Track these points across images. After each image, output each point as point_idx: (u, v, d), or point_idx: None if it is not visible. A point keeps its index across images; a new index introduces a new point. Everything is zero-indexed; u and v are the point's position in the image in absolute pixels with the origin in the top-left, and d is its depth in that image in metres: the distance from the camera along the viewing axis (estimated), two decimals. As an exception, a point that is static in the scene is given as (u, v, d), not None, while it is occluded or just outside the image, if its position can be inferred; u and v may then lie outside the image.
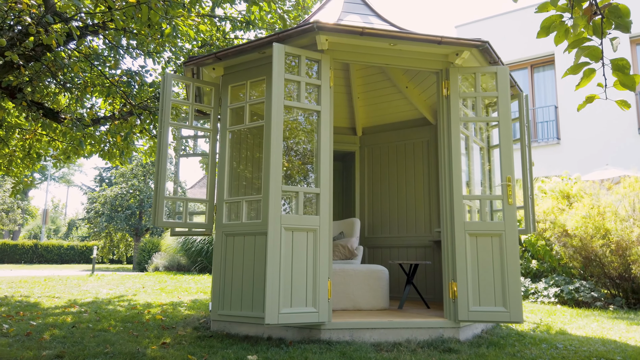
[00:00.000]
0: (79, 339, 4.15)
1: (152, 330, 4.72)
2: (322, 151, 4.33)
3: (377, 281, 5.22)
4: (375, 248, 7.10)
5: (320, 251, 4.17)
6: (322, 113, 4.38)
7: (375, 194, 7.27)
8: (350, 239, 6.25)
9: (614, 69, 1.59)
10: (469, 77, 5.03)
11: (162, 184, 4.78)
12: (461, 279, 4.35)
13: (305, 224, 4.16)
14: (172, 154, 7.75)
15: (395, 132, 7.24)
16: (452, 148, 4.58)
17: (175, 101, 4.95)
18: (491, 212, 5.58)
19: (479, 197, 4.76)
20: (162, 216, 4.75)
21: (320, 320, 4.08)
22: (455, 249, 4.42)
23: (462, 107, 5.03)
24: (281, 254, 4.00)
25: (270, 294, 3.88)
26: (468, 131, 5.14)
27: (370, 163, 7.41)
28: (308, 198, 4.45)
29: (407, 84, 6.68)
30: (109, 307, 6.63)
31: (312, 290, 4.10)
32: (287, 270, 4.01)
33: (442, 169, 4.66)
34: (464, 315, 4.30)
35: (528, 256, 8.33)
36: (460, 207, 4.48)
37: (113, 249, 26.00)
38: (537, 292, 7.59)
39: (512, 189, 4.44)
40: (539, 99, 15.26)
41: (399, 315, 4.69)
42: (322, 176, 4.29)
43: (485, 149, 5.81)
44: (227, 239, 4.78)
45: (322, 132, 4.36)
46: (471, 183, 5.39)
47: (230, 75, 5.06)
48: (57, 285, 10.21)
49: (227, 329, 4.61)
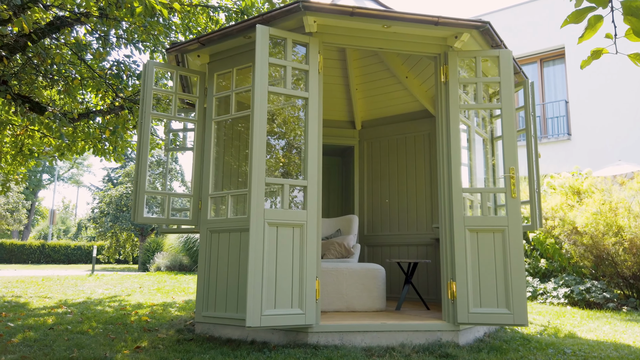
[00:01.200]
0: (50, 342, 3.89)
1: (132, 332, 4.45)
2: (310, 141, 4.03)
3: (372, 281, 4.91)
4: (375, 246, 6.79)
5: (308, 248, 3.88)
6: (310, 100, 4.08)
7: (375, 190, 6.96)
8: (347, 237, 5.95)
9: (626, 12, 1.27)
10: (470, 62, 4.71)
11: (143, 177, 4.51)
12: (460, 279, 4.03)
13: (291, 218, 3.86)
14: (162, 149, 7.44)
15: (396, 125, 6.92)
16: (451, 137, 4.26)
17: (158, 90, 4.68)
18: (495, 207, 5.24)
19: (480, 189, 4.43)
20: (143, 211, 4.48)
21: (307, 322, 3.78)
22: (454, 245, 4.10)
23: (463, 95, 4.71)
24: (264, 251, 3.71)
25: (252, 294, 3.59)
26: (470, 121, 4.81)
27: (369, 158, 7.10)
28: (295, 194, 4.16)
29: (407, 73, 6.36)
30: (98, 308, 6.39)
31: (298, 291, 3.81)
32: (270, 269, 3.72)
33: (440, 160, 4.34)
34: (463, 318, 3.98)
35: (536, 255, 7.96)
36: (459, 201, 4.15)
37: (119, 249, 25.89)
38: (546, 292, 7.23)
39: (516, 181, 4.11)
40: (549, 93, 14.83)
41: (395, 317, 4.37)
42: (310, 168, 4.00)
43: (489, 141, 5.48)
44: (212, 236, 4.50)
45: (310, 120, 4.06)
46: (473, 176, 5.06)
47: (216, 62, 4.78)
48: (54, 286, 10.01)
49: (211, 332, 4.33)
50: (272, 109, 4.94)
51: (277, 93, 4.02)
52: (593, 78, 13.66)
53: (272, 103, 4.66)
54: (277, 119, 5.15)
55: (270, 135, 5.28)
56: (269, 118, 4.94)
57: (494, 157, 5.48)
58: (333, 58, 6.47)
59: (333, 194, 7.64)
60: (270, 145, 5.33)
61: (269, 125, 5.14)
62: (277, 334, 4.00)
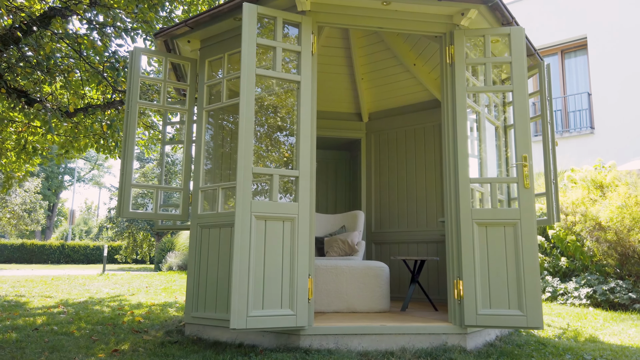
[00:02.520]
0: (28, 344, 3.66)
1: (119, 334, 4.21)
2: (302, 128, 3.73)
3: (375, 279, 4.58)
4: (383, 244, 6.44)
5: (299, 244, 3.57)
6: (302, 84, 3.77)
7: (383, 185, 6.61)
8: (351, 234, 5.62)
9: None
10: (478, 41, 4.35)
11: (129, 169, 4.26)
12: (468, 277, 3.68)
13: (281, 212, 3.56)
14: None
15: (404, 116, 6.57)
16: (457, 123, 3.91)
17: (145, 78, 4.43)
18: (508, 201, 4.86)
19: (489, 179, 4.06)
20: (129, 206, 4.23)
21: (298, 324, 3.47)
22: (460, 241, 3.74)
23: (472, 79, 4.35)
24: (251, 246, 3.41)
25: (237, 294, 3.30)
26: (479, 107, 4.45)
27: (377, 151, 6.76)
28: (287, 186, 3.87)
29: (415, 60, 6.01)
30: (95, 308, 6.19)
31: (289, 290, 3.50)
32: (258, 266, 3.42)
33: (446, 148, 3.99)
34: (471, 320, 3.62)
35: (556, 253, 7.51)
36: (466, 192, 3.80)
37: (136, 249, 25.97)
38: (567, 292, 6.79)
39: (529, 170, 3.74)
40: (571, 86, 14.25)
41: (398, 319, 4.04)
42: (302, 157, 3.69)
43: (502, 131, 5.10)
44: (202, 232, 4.23)
45: (302, 106, 3.75)
46: (484, 168, 4.69)
47: (207, 48, 4.51)
48: (61, 285, 9.91)
49: (200, 333, 4.06)
50: (264, 95, 4.65)
51: (266, 76, 3.72)
52: (617, 69, 13.06)
53: (265, 86, 4.37)
54: (270, 106, 4.87)
55: (262, 125, 4.99)
56: (261, 105, 4.67)
57: (507, 147, 5.10)
58: (336, 46, 6.15)
59: (340, 189, 7.32)
60: (264, 136, 5.05)
61: (261, 114, 4.86)
62: (267, 336, 3.71)
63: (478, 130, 4.68)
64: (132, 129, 4.31)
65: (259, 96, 4.63)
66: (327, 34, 5.93)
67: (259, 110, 4.93)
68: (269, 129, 5.08)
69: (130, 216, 4.26)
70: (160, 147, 5.09)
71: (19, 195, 19.36)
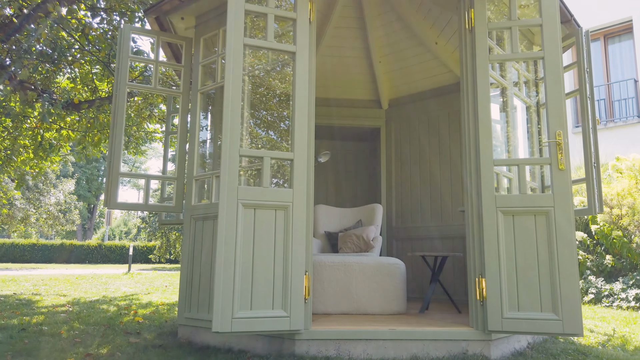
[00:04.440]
0: (2, 345, 3.37)
1: (108, 335, 3.88)
2: (298, 105, 3.29)
3: (388, 278, 4.10)
4: (405, 240, 5.93)
5: (294, 236, 3.13)
6: (297, 55, 3.34)
7: (404, 177, 6.10)
8: (367, 228, 5.15)
9: None
10: (502, 7, 3.81)
11: (117, 157, 3.93)
12: (492, 274, 3.15)
13: (272, 199, 3.13)
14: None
15: (427, 101, 6.04)
16: (478, 96, 3.39)
17: (135, 58, 4.09)
18: (542, 190, 4.28)
19: (516, 161, 3.49)
20: (116, 196, 3.89)
21: (292, 327, 3.04)
22: (483, 232, 3.22)
23: (497, 48, 3.81)
24: (238, 239, 3.00)
25: (221, 292, 2.90)
26: (506, 81, 3.91)
27: (398, 140, 6.25)
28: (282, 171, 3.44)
29: (437, 39, 5.48)
30: (102, 307, 5.93)
31: (281, 288, 3.07)
32: (246, 261, 3.01)
33: (466, 127, 3.47)
34: (495, 324, 3.10)
35: (601, 250, 6.80)
36: (489, 175, 3.27)
37: (170, 249, 26.11)
38: (613, 294, 6.09)
39: (564, 149, 3.18)
40: (615, 73, 13.25)
41: (413, 323, 3.54)
42: (298, 138, 3.25)
43: (535, 110, 4.52)
44: (197, 224, 3.85)
45: (297, 79, 3.31)
46: (512, 151, 4.14)
47: (202, 25, 4.14)
48: (83, 284, 9.81)
49: (192, 336, 3.68)
50: (258, 73, 4.24)
51: (257, 47, 3.31)
52: (667, 52, 12.04)
53: (260, 68, 3.96)
54: (264, 86, 4.46)
55: (257, 106, 4.58)
56: (256, 84, 4.27)
57: (541, 130, 4.51)
58: (350, 26, 5.68)
59: (360, 182, 6.85)
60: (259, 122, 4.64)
61: (254, 92, 4.45)
62: (261, 341, 3.29)
63: (505, 110, 4.13)
64: (121, 113, 3.98)
65: (252, 74, 4.22)
66: (341, 14, 5.48)
67: (254, 92, 4.53)
68: (264, 110, 4.66)
69: (118, 207, 3.93)
70: (164, 138, 4.76)
71: (53, 195, 19.68)
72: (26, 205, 17.91)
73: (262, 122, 4.57)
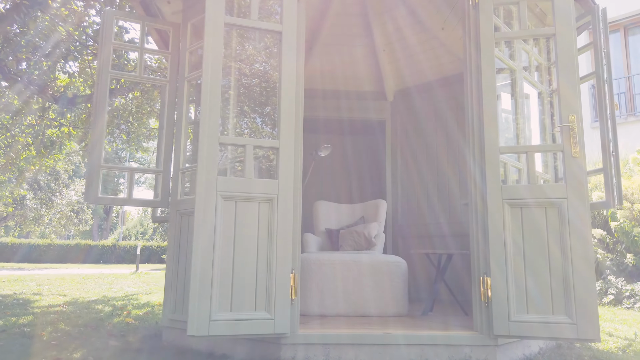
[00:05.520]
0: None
1: (90, 337, 3.67)
2: (285, 89, 3.03)
3: (388, 277, 3.81)
4: (411, 238, 5.63)
5: (279, 230, 2.87)
6: (284, 35, 3.08)
7: (411, 172, 5.80)
8: (369, 225, 4.87)
9: None
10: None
11: (99, 148, 3.71)
12: (498, 273, 2.86)
13: (256, 191, 2.88)
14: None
15: (434, 91, 5.74)
16: (482, 78, 3.09)
17: (120, 45, 3.88)
18: (555, 180, 3.95)
19: (524, 147, 3.19)
20: (98, 190, 3.68)
21: (276, 330, 2.78)
22: (487, 226, 2.93)
23: (504, 27, 3.50)
24: (216, 234, 2.75)
25: (197, 292, 2.65)
26: (514, 62, 3.60)
27: (404, 133, 5.95)
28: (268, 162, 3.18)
29: (443, 24, 5.17)
30: (97, 307, 5.75)
31: (265, 288, 2.81)
32: (226, 258, 2.76)
33: (469, 110, 3.18)
34: (502, 328, 2.80)
35: (621, 249, 6.41)
36: (494, 164, 2.98)
37: (182, 249, 26.00)
38: (634, 295, 5.71)
39: (578, 134, 2.87)
40: (636, 65, 12.75)
41: (411, 326, 3.26)
42: (284, 125, 2.99)
43: (547, 97, 4.19)
44: (182, 220, 3.61)
45: (284, 61, 3.05)
46: (521, 139, 3.83)
47: (190, 9, 3.90)
48: (88, 283, 9.69)
49: (177, 340, 3.44)
50: (244, 57, 3.99)
51: (239, 26, 3.06)
52: (691, 42, 11.52)
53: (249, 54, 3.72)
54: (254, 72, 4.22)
55: (244, 95, 4.33)
56: (244, 72, 4.03)
57: (554, 119, 4.18)
58: (352, 13, 5.40)
59: (365, 179, 6.56)
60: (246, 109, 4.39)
61: (241, 82, 4.20)
62: (245, 345, 3.04)
63: (513, 94, 3.82)
64: (102, 101, 3.76)
65: (240, 59, 3.98)
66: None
67: (241, 81, 4.29)
68: (252, 99, 4.42)
69: (99, 202, 3.71)
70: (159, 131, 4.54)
71: (65, 195, 19.74)
72: (37, 205, 17.96)
73: (249, 111, 4.32)
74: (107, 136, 7.68)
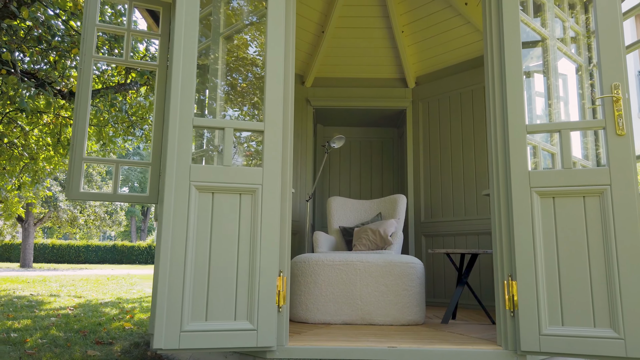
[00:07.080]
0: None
1: (73, 346, 3.37)
2: (270, 67, 2.63)
3: (402, 280, 3.35)
4: (435, 236, 5.14)
5: (264, 226, 2.47)
6: (270, 3, 2.68)
7: (434, 164, 5.31)
8: (386, 222, 4.41)
9: None
10: None
11: (81, 140, 3.41)
12: (525, 276, 2.37)
13: (236, 180, 2.49)
14: None
15: (459, 75, 5.23)
16: (504, 44, 2.61)
17: (104, 27, 3.57)
18: (597, 162, 3.40)
19: (558, 125, 2.67)
20: (80, 184, 3.37)
21: (259, 343, 2.38)
22: (512, 220, 2.44)
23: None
24: (189, 231, 2.38)
25: (165, 299, 2.28)
26: (546, 30, 3.08)
27: (426, 122, 5.46)
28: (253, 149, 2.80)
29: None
30: (105, 310, 5.51)
31: (246, 294, 2.41)
32: (200, 259, 2.38)
33: (490, 87, 2.70)
34: (531, 343, 2.31)
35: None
36: (521, 146, 2.49)
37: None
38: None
39: (624, 107, 2.35)
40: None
41: (426, 337, 2.80)
42: (269, 106, 2.59)
43: (586, 72, 3.64)
44: (170, 217, 3.26)
45: (270, 33, 2.66)
46: (553, 118, 3.30)
47: (180, -14, 3.56)
48: (109, 285, 9.58)
49: (162, 349, 3.08)
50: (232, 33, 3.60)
51: (218, -7, 2.68)
52: None
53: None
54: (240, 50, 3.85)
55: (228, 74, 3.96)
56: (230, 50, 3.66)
57: (594, 96, 3.63)
58: (366, -9, 4.96)
59: (386, 173, 6.11)
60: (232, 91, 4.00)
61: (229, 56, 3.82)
62: (234, 355, 2.65)
63: (546, 73, 3.30)
64: (86, 89, 3.46)
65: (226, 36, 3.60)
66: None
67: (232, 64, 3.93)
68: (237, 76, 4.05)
69: (81, 197, 3.41)
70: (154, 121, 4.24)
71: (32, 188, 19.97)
72: (69, 206, 18.20)
73: (234, 94, 3.96)
74: (119, 135, 7.49)
